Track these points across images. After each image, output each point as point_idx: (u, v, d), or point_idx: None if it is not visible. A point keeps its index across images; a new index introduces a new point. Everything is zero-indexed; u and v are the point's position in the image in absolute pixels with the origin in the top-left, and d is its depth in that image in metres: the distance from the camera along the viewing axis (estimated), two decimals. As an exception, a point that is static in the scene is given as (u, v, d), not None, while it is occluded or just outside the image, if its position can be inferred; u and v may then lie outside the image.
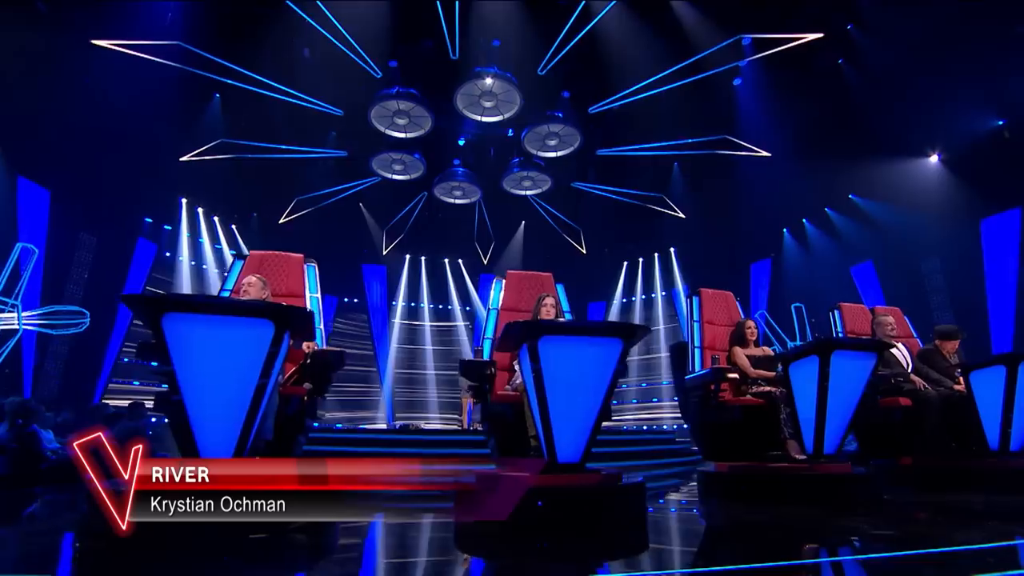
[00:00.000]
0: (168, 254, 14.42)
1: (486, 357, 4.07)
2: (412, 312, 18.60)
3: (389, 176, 13.55)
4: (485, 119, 11.45)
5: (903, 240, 12.13)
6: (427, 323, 18.79)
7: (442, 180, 13.92)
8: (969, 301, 11.12)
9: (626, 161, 13.73)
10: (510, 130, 13.32)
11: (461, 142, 13.78)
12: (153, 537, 2.01)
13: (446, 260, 18.86)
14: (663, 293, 18.30)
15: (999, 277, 10.88)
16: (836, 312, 5.43)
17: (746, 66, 11.09)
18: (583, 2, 9.41)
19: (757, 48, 10.36)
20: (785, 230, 14.88)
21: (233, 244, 15.49)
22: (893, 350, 4.42)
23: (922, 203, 11.47)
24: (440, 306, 19.15)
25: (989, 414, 3.96)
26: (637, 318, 18.42)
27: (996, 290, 10.85)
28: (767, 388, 3.84)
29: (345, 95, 11.27)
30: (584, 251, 18.23)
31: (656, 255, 17.68)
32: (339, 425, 15.67)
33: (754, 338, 4.49)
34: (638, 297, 18.90)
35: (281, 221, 15.59)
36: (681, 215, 15.71)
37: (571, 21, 9.59)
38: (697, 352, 4.46)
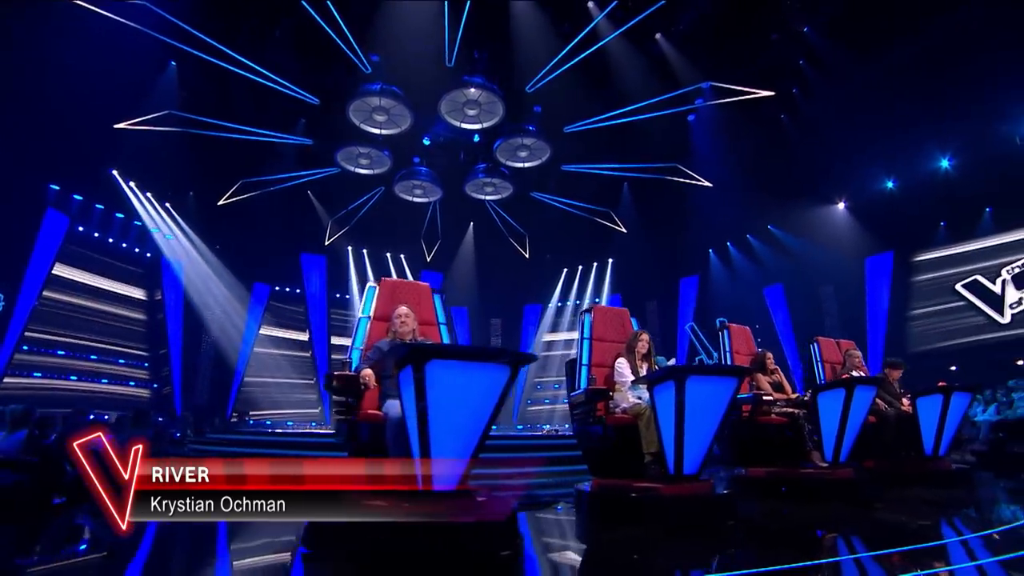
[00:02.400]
0: (81, 228, 12.87)
1: (583, 383, 4.13)
2: (351, 304, 18.16)
3: (352, 169, 13.23)
4: (465, 126, 11.67)
5: (808, 268, 14.25)
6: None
7: (405, 178, 13.87)
8: (854, 323, 13.47)
9: (583, 177, 14.62)
10: (476, 135, 13.66)
11: (427, 141, 13.81)
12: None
13: (388, 254, 18.62)
14: (596, 300, 19.64)
15: (876, 305, 13.32)
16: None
17: (702, 105, 12.43)
18: (587, 30, 10.01)
19: (715, 94, 11.69)
20: (711, 251, 16.72)
21: (161, 223, 14.17)
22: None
23: (826, 239, 13.65)
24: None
25: (928, 429, 5.25)
26: (566, 322, 19.69)
27: (873, 315, 13.28)
28: (789, 409, 4.76)
29: (323, 84, 10.88)
30: (527, 256, 19.00)
31: (595, 264, 18.89)
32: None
33: (772, 367, 5.30)
34: (571, 303, 20.11)
35: (221, 203, 14.51)
36: (623, 230, 17.04)
37: (568, 47, 10.17)
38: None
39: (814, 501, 4.21)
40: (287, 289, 17.22)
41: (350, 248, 17.64)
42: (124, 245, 13.95)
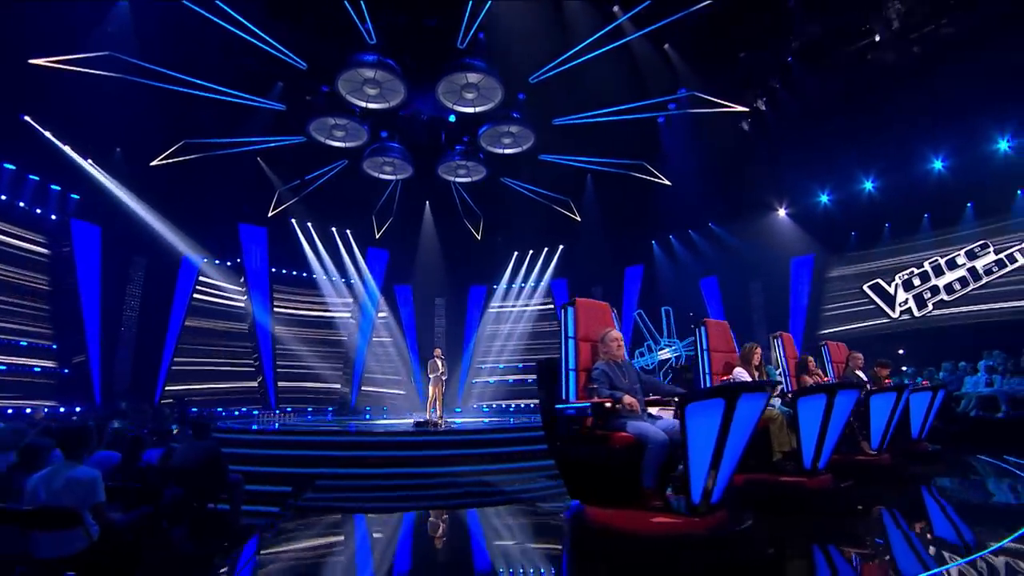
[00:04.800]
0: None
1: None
2: (298, 281, 16.94)
3: (322, 140, 12.29)
4: (460, 108, 11.38)
5: (740, 264, 16.00)
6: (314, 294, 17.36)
7: (375, 154, 13.17)
8: (776, 319, 15.50)
9: (556, 167, 14.95)
10: (451, 116, 13.35)
11: (403, 113, 13.16)
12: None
13: (334, 229, 17.56)
14: (541, 283, 20.29)
15: (798, 300, 15.43)
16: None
17: (674, 112, 13.30)
18: (605, 30, 10.18)
19: (690, 102, 12.58)
20: (654, 243, 18.04)
21: (79, 182, 12.09)
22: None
23: (760, 239, 15.42)
24: (326, 277, 17.83)
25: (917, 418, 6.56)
26: (512, 300, 20.21)
27: (796, 309, 15.40)
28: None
29: (315, 49, 9.93)
30: (479, 238, 19.02)
31: (545, 249, 19.45)
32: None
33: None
34: (517, 285, 20.58)
35: (154, 163, 12.67)
36: (578, 218, 17.74)
37: (577, 48, 10.31)
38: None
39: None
40: (219, 262, 15.59)
41: (294, 221, 16.38)
42: (22, 205, 11.67)
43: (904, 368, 12.09)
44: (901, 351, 13.70)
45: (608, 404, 3.38)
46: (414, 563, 3.67)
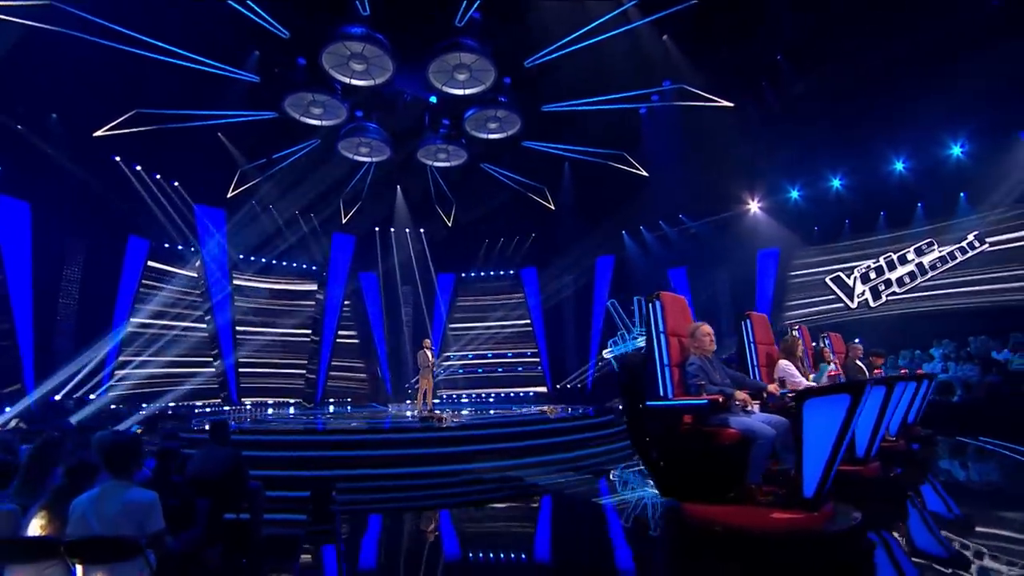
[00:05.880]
0: None
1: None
2: (260, 267, 15.83)
3: (297, 117, 11.42)
4: (448, 90, 10.90)
5: (709, 255, 16.49)
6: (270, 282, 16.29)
7: (351, 134, 12.41)
8: (742, 309, 16.04)
9: (538, 154, 14.71)
10: (433, 96, 12.81)
11: (387, 91, 12.42)
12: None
13: (298, 212, 16.53)
14: (510, 272, 20.11)
15: (763, 292, 16.12)
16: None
17: (656, 99, 13.38)
18: (609, 15, 9.96)
19: (675, 94, 12.69)
20: (624, 233, 18.25)
21: (3, 151, 10.62)
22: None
23: (731, 232, 15.94)
24: (289, 263, 16.80)
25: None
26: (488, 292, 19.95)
27: (761, 299, 16.09)
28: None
29: (298, 18, 9.13)
30: (449, 224, 18.55)
31: (517, 238, 19.24)
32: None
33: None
34: (487, 273, 20.29)
35: (99, 133, 11.33)
36: (551, 207, 17.64)
37: (577, 33, 10.07)
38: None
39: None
40: (168, 246, 14.26)
41: (256, 202, 15.24)
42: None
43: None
44: (856, 340, 14.68)
45: (720, 400, 3.29)
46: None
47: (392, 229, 18.55)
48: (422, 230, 19.00)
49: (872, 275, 14.26)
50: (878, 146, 12.85)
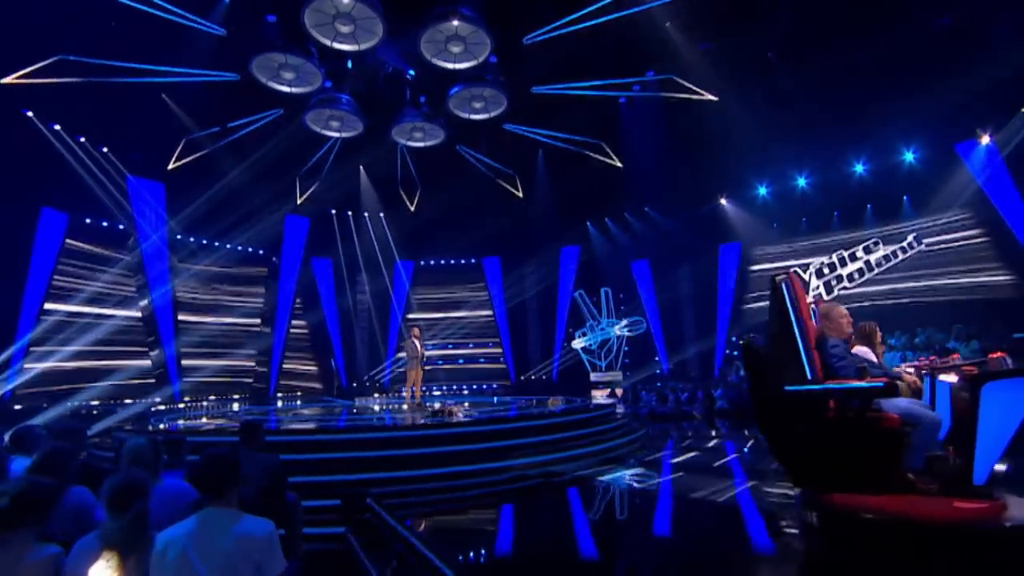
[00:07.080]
0: None
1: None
2: (202, 249, 14.15)
3: (263, 81, 10.17)
4: (440, 63, 10.15)
5: (671, 248, 16.81)
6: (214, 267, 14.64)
7: (321, 104, 11.30)
8: (703, 301, 16.60)
9: (515, 138, 14.21)
10: (410, 70, 11.99)
11: (349, 65, 11.43)
12: None
13: (247, 189, 14.95)
14: (472, 260, 19.53)
15: (724, 284, 16.69)
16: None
17: (637, 90, 13.30)
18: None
19: (658, 85, 12.66)
20: (588, 223, 18.19)
21: None
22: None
23: (694, 226, 16.29)
24: (234, 246, 15.19)
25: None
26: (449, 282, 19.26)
27: (723, 294, 16.64)
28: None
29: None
30: (412, 208, 17.65)
31: (481, 225, 18.61)
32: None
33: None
34: (448, 261, 19.60)
35: (7, 80, 9.48)
36: (519, 194, 17.22)
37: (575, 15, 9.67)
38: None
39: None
40: (92, 222, 12.37)
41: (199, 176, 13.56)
42: None
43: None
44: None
45: (896, 384, 3.13)
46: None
47: (350, 211, 17.35)
48: (381, 214, 17.93)
49: (826, 271, 15.12)
50: (843, 148, 13.55)
